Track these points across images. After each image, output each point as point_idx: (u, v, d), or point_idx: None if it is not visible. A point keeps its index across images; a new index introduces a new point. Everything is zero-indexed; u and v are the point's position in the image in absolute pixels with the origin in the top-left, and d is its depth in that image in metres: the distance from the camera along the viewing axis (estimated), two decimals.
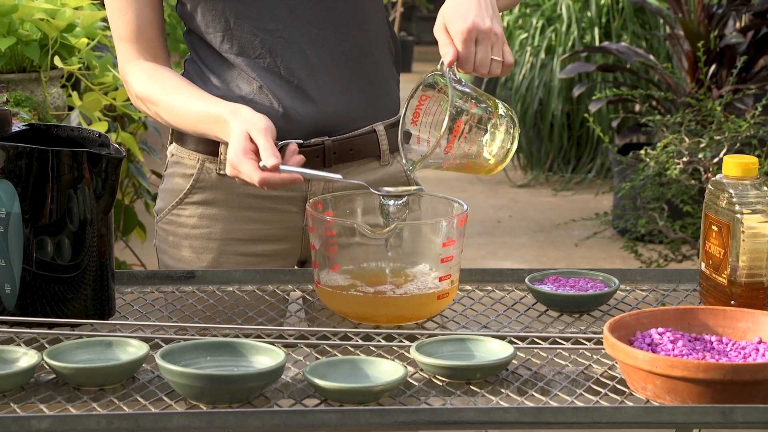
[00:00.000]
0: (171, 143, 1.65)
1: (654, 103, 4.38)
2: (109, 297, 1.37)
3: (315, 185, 1.59)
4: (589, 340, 1.33)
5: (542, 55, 5.60)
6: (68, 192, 1.32)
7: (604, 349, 1.23)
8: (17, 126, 1.40)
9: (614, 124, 4.67)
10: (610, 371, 1.24)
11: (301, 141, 1.55)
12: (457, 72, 1.40)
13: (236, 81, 1.56)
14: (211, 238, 1.60)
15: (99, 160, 1.33)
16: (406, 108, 1.42)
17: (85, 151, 1.32)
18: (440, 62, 1.40)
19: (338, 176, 1.42)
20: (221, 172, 1.59)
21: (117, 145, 1.38)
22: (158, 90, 1.55)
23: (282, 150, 1.45)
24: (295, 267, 1.63)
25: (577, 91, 4.67)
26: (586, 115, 4.20)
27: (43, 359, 1.19)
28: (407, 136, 1.42)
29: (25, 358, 1.20)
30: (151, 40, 1.58)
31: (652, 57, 4.36)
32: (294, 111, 1.56)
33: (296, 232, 1.61)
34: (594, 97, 4.20)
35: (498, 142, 1.38)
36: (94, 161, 1.32)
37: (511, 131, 1.40)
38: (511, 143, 1.40)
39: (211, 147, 1.59)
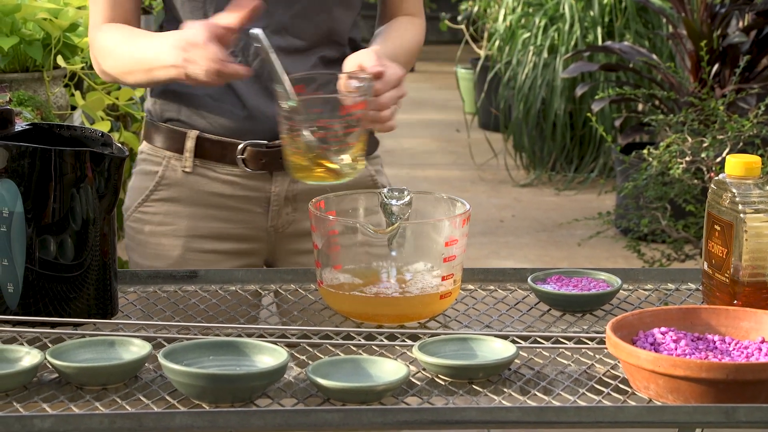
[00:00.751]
0: (142, 141, 1.67)
1: (657, 102, 4.37)
2: (111, 296, 1.37)
3: (278, 186, 1.59)
4: (591, 339, 1.33)
5: (545, 54, 5.59)
6: (71, 191, 1.32)
7: (606, 348, 1.23)
8: (20, 125, 1.40)
9: (617, 123, 4.67)
10: (612, 371, 1.24)
11: (265, 141, 1.56)
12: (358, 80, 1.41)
13: None
14: (176, 235, 1.62)
15: (102, 160, 1.33)
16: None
17: (88, 151, 1.32)
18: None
19: (289, 92, 1.39)
20: (186, 169, 1.60)
21: (120, 145, 1.38)
22: (116, 41, 1.56)
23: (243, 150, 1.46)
24: (264, 267, 1.65)
25: (579, 91, 4.66)
26: (588, 114, 4.20)
27: (45, 358, 1.19)
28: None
29: (28, 357, 1.20)
30: (126, 12, 1.59)
31: (654, 56, 4.35)
32: (258, 111, 1.57)
33: (261, 233, 1.62)
34: (597, 97, 4.19)
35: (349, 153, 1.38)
36: (97, 160, 1.33)
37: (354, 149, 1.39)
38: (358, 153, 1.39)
39: (177, 145, 1.61)
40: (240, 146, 1.54)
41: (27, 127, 1.40)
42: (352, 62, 1.47)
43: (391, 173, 6.81)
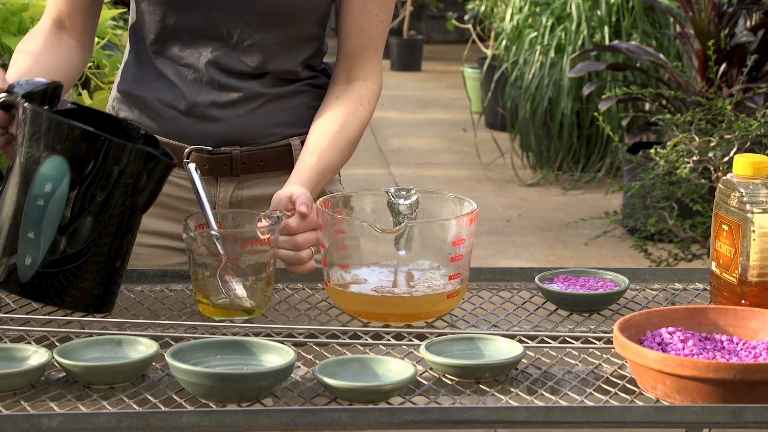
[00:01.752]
0: None
1: (664, 101, 4.37)
2: (114, 292, 1.37)
3: (224, 191, 1.60)
4: (598, 339, 1.33)
5: (552, 53, 5.59)
6: (120, 186, 1.32)
7: (613, 348, 1.23)
8: (64, 103, 1.39)
9: (624, 122, 4.66)
10: (620, 370, 1.24)
11: (210, 148, 1.56)
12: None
13: (158, 81, 1.57)
14: None
15: (156, 163, 1.33)
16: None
17: (146, 150, 1.33)
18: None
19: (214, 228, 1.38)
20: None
21: (167, 149, 1.39)
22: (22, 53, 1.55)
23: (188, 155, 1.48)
24: None
25: (586, 90, 4.66)
26: (595, 114, 4.19)
27: (53, 357, 1.19)
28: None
29: (36, 356, 1.20)
30: (77, 7, 1.58)
31: (662, 56, 4.34)
32: (204, 118, 1.57)
33: None
34: (604, 96, 4.19)
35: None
36: (151, 162, 1.33)
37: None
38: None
39: None
40: (185, 151, 1.54)
41: (72, 107, 1.39)
42: (280, 197, 1.45)
43: (398, 173, 6.81)
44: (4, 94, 1.39)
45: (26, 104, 1.34)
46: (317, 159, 1.52)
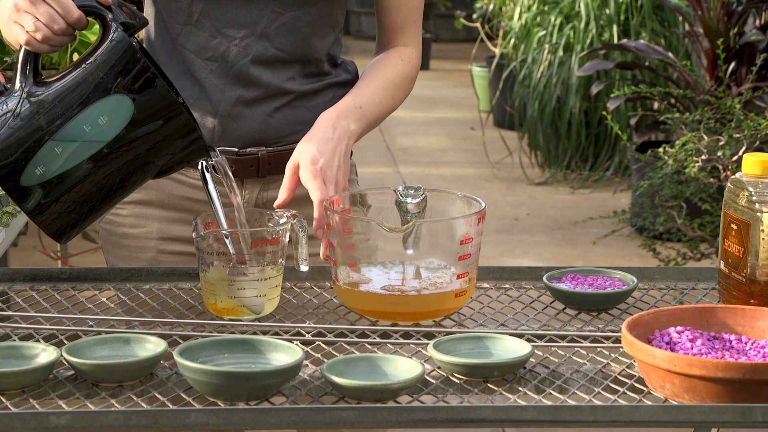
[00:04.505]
0: None
1: (673, 100, 4.36)
2: (82, 229, 1.37)
3: (249, 193, 1.59)
4: (607, 338, 1.33)
5: (560, 52, 5.58)
6: (159, 152, 1.32)
7: (622, 347, 1.23)
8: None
9: (632, 121, 4.65)
10: (628, 370, 1.24)
11: (236, 149, 1.56)
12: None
13: (180, 80, 1.56)
14: (148, 238, 1.61)
15: (199, 155, 1.34)
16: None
17: (205, 146, 1.35)
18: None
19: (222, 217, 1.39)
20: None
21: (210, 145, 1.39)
22: None
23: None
24: None
25: (595, 89, 4.65)
26: (604, 112, 4.18)
27: (62, 355, 1.19)
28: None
29: (45, 354, 1.20)
30: None
31: (671, 54, 4.33)
32: (230, 118, 1.56)
33: None
34: (612, 95, 4.18)
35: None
36: (199, 155, 1.35)
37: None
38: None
39: None
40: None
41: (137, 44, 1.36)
42: (289, 167, 1.46)
43: (406, 171, 6.80)
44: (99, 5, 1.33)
45: (123, 34, 1.31)
46: (353, 96, 1.53)
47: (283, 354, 1.19)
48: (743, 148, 3.37)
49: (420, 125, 6.76)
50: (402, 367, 1.18)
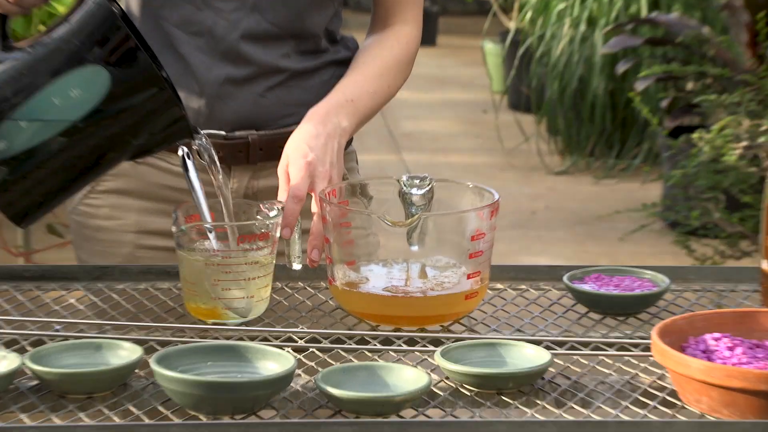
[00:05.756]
0: None
1: (708, 80, 4.36)
2: (44, 213, 1.37)
3: (238, 182, 1.59)
4: (635, 346, 1.33)
5: (582, 27, 5.58)
6: (138, 131, 1.32)
7: (652, 356, 1.23)
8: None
9: (663, 104, 4.66)
10: (659, 381, 1.24)
11: (224, 132, 1.56)
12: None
13: (162, 56, 1.55)
14: (124, 231, 1.62)
15: (181, 135, 1.35)
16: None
17: (190, 126, 1.35)
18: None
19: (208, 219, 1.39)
20: (136, 160, 1.58)
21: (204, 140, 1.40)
22: None
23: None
24: None
25: (621, 68, 4.66)
26: (631, 94, 4.18)
27: (24, 363, 1.19)
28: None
29: (4, 362, 1.20)
30: None
31: (706, 29, 4.33)
32: (217, 98, 1.56)
33: None
34: (641, 75, 4.19)
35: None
36: (181, 136, 1.35)
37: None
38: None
39: None
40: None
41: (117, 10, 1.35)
42: (279, 169, 1.46)
43: (411, 159, 6.82)
44: None
45: None
46: (343, 87, 1.53)
47: (272, 362, 1.19)
48: None
49: (426, 108, 6.77)
50: (406, 378, 1.18)
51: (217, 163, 1.41)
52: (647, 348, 1.31)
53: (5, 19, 1.33)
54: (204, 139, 1.39)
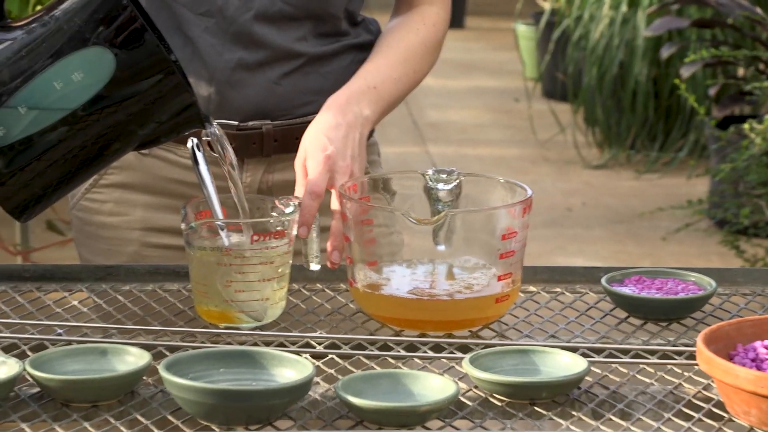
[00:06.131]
0: None
1: (761, 66, 4.34)
2: (44, 207, 1.38)
3: (251, 175, 1.60)
4: (679, 353, 1.33)
5: (624, 8, 5.57)
6: (144, 120, 1.33)
7: (697, 364, 1.23)
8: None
9: (711, 92, 4.64)
10: (704, 392, 1.24)
11: (236, 122, 1.56)
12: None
13: (169, 38, 1.56)
14: (130, 228, 1.63)
15: (191, 125, 1.35)
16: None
17: (200, 114, 1.35)
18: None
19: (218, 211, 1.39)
20: (142, 151, 1.59)
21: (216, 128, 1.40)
22: None
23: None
24: None
25: (666, 52, 4.64)
26: (676, 81, 4.17)
27: (25, 369, 1.20)
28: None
29: (4, 367, 1.21)
30: None
31: (759, 10, 4.32)
32: (228, 85, 1.57)
33: None
34: (687, 60, 4.17)
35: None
36: (191, 125, 1.35)
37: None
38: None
39: None
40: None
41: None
42: (297, 163, 1.47)
43: (437, 152, 6.82)
44: None
45: None
46: (365, 73, 1.53)
47: (289, 369, 1.20)
48: None
49: (453, 96, 6.76)
50: (432, 386, 1.18)
51: (232, 154, 1.41)
52: (692, 356, 1.31)
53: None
54: (216, 129, 1.40)
